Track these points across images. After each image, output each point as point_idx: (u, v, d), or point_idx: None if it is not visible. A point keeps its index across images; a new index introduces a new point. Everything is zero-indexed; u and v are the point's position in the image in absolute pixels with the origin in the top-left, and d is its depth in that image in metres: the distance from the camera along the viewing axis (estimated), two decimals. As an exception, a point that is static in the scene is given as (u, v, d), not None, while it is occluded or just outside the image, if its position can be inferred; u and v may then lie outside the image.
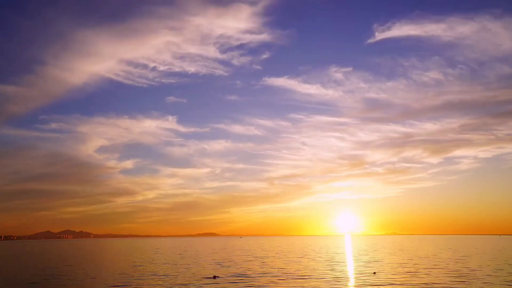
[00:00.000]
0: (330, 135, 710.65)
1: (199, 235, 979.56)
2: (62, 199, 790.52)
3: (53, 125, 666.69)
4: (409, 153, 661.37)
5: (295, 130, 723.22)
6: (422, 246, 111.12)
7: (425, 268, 43.03)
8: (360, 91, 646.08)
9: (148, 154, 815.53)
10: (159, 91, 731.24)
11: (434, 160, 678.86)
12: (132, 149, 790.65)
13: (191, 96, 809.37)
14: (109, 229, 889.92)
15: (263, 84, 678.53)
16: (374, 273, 38.54)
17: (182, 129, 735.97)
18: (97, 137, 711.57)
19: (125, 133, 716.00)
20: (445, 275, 36.61)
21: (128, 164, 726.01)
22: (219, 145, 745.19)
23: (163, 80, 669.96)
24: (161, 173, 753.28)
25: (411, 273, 38.23)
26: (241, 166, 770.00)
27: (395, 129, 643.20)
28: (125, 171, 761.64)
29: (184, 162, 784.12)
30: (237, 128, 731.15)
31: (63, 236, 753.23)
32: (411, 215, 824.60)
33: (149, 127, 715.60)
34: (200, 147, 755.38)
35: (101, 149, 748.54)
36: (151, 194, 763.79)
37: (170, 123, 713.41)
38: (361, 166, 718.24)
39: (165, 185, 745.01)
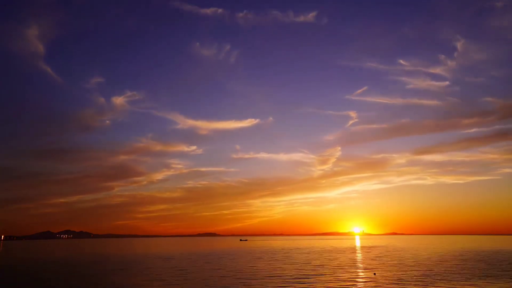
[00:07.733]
0: None
1: (199, 235, 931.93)
2: (38, 185, 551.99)
3: None
4: None
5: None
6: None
7: None
8: None
9: (157, 77, 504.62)
10: None
11: None
12: (124, 54, 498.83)
13: None
14: (108, 227, 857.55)
15: None
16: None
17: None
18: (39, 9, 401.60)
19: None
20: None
21: (120, 104, 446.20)
22: (305, 23, 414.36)
23: None
24: (176, 133, 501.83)
25: None
26: (309, 110, 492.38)
27: None
28: (118, 128, 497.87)
29: (220, 98, 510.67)
30: None
31: (62, 236, 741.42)
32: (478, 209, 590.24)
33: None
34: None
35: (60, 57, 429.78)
36: (157, 176, 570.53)
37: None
38: (505, 119, 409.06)
39: (178, 159, 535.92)
